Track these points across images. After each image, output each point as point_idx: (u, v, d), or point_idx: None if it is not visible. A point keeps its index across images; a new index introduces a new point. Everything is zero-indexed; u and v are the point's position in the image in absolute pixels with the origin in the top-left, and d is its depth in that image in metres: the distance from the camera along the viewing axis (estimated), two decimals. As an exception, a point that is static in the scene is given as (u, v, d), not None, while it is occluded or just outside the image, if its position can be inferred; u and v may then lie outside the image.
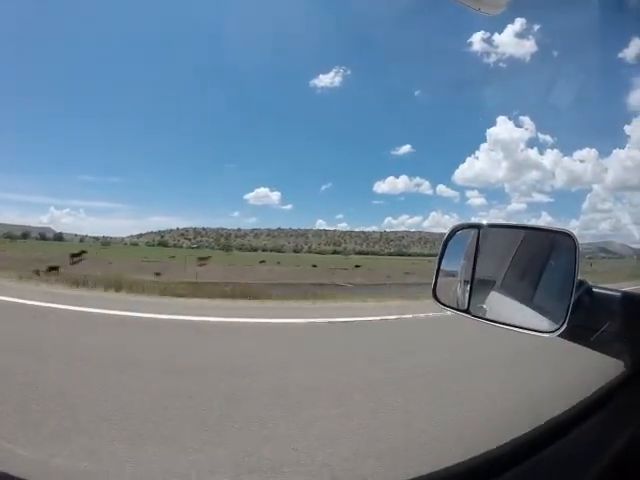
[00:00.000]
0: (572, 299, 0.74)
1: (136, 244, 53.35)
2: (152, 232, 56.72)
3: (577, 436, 0.79)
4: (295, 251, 49.53)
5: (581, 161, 45.63)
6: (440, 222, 54.89)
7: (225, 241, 50.72)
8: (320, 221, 56.62)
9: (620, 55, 42.10)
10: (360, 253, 53.28)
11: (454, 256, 1.03)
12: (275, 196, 54.79)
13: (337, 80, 49.26)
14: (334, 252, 51.52)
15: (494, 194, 61.38)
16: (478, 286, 0.96)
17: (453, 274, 1.04)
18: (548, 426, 0.86)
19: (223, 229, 54.38)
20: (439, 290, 1.01)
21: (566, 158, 47.06)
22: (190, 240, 53.62)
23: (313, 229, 56.49)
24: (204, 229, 53.83)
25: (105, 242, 52.73)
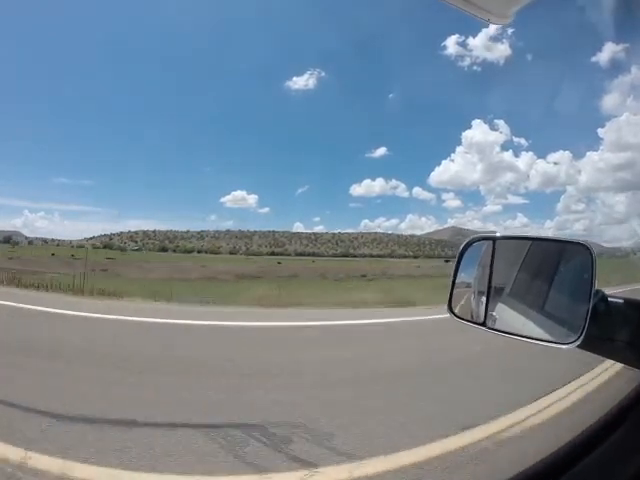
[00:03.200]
0: (589, 309, 0.74)
1: (82, 246, 56.19)
2: (104, 235, 59.41)
3: (603, 452, 0.78)
4: (231, 253, 50.59)
5: (555, 163, 46.20)
6: (417, 224, 54.99)
7: (169, 243, 52.42)
8: (298, 224, 57.21)
9: (594, 59, 42.64)
10: (301, 254, 53.55)
11: (466, 268, 1.03)
12: (252, 199, 55.87)
13: (311, 82, 49.95)
14: (272, 253, 52.20)
15: (470, 196, 61.59)
16: (494, 298, 0.97)
17: (466, 286, 1.05)
18: (574, 443, 0.85)
19: (172, 231, 56.18)
20: (454, 303, 1.03)
21: (540, 160, 47.52)
22: (136, 242, 55.78)
23: (261, 231, 57.31)
24: (154, 232, 55.82)
25: (14, 242, 55.96)
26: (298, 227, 55.41)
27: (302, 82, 53.09)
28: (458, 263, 1.00)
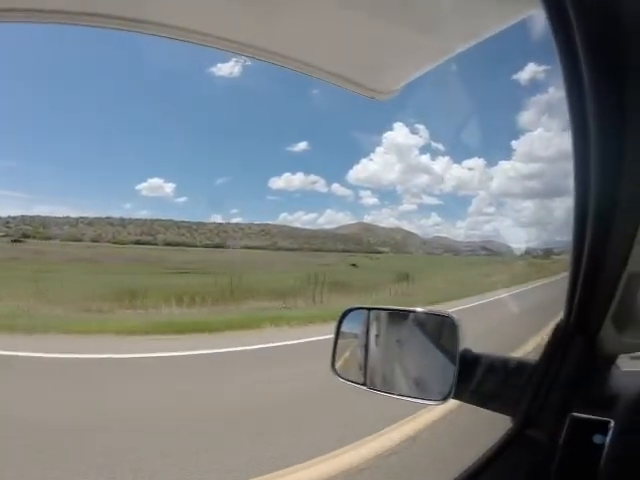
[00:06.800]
0: (457, 368, 0.88)
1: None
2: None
3: None
4: (94, 240, 51.02)
5: (469, 169, 47.59)
6: (334, 219, 56.47)
7: (44, 230, 53.01)
8: (215, 215, 57.11)
9: (514, 77, 42.76)
10: (169, 244, 53.79)
11: (350, 334, 1.16)
12: (169, 188, 54.53)
13: (237, 70, 47.10)
14: (137, 242, 52.49)
15: (387, 195, 63.84)
16: (372, 361, 1.09)
17: (349, 349, 1.16)
18: None
19: (50, 217, 56.33)
20: (336, 364, 1.13)
21: (456, 165, 48.78)
22: (10, 228, 56.46)
23: (134, 218, 57.44)
24: (32, 217, 56.19)
25: None
26: (215, 218, 55.09)
27: (227, 69, 49.98)
28: (338, 328, 1.13)
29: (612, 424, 0.75)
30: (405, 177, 54.13)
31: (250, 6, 0.91)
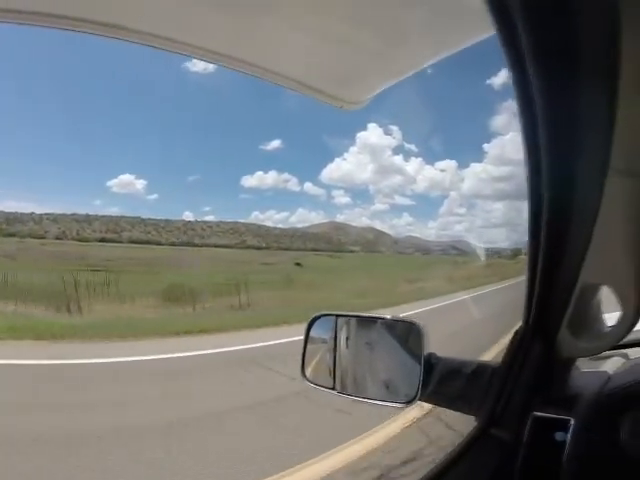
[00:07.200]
0: (422, 372, 0.91)
1: None
2: None
3: None
4: (58, 238, 48.81)
5: (442, 170, 49.98)
6: (307, 218, 56.87)
7: (8, 226, 50.45)
8: (187, 213, 55.95)
9: (488, 82, 45.14)
10: (134, 242, 52.05)
11: (319, 339, 1.18)
12: (140, 184, 52.62)
13: (211, 67, 45.95)
14: (102, 239, 50.65)
15: (359, 194, 66.32)
16: (343, 366, 1.11)
17: (318, 355, 1.18)
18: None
19: (13, 213, 54.04)
20: (306, 369, 1.14)
21: (428, 166, 51.03)
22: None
23: (100, 215, 55.53)
24: None
25: None
26: (187, 216, 54.30)
27: (201, 65, 48.81)
28: (307, 335, 1.14)
29: (572, 422, 0.78)
30: (378, 177, 55.53)
31: (220, 14, 0.93)
